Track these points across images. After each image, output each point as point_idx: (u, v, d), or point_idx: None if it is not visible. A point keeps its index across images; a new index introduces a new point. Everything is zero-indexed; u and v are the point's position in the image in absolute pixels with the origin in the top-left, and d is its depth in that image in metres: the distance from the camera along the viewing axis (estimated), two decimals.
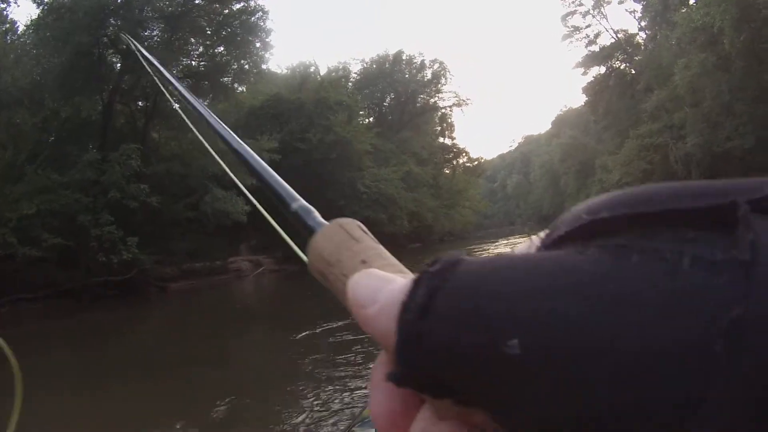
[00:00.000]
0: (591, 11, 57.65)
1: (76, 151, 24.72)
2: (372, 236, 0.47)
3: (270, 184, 0.74)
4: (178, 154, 28.30)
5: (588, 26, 58.51)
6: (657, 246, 0.25)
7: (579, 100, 78.78)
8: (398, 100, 56.06)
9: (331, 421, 5.33)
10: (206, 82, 31.04)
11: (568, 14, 58.42)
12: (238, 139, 1.00)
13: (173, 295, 23.90)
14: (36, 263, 21.12)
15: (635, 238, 0.26)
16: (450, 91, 58.42)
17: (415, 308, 0.29)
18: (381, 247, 0.45)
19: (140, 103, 30.01)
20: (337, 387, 6.29)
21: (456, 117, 61.40)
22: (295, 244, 1.01)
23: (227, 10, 29.94)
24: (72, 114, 25.67)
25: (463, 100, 58.68)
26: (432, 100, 58.91)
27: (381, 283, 0.35)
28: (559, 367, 0.24)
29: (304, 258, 0.48)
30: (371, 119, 53.62)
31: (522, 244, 0.33)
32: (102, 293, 22.06)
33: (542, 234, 0.30)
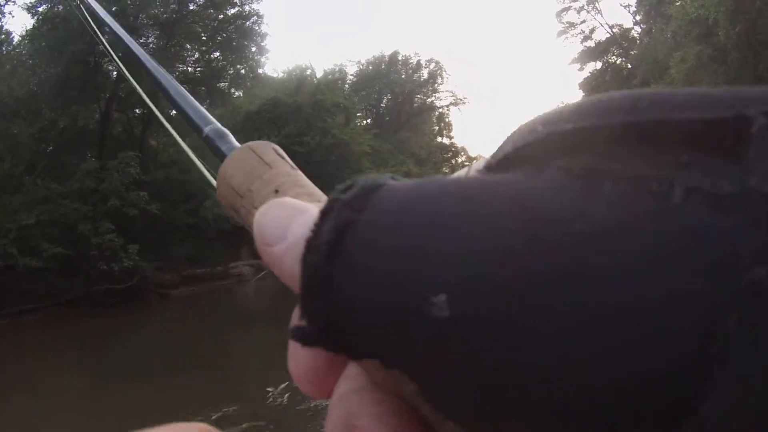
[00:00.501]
0: (585, 7, 57.49)
1: (74, 160, 24.59)
2: (290, 161, 0.43)
3: (181, 107, 0.64)
4: (177, 161, 28.12)
5: (583, 22, 58.34)
6: (638, 172, 0.18)
7: (576, 95, 78.81)
8: (395, 100, 55.82)
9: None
10: (203, 88, 30.76)
11: (562, 10, 58.24)
12: (154, 63, 0.88)
13: (174, 301, 23.80)
14: (36, 273, 21.00)
15: (608, 160, 0.19)
16: (447, 91, 58.19)
17: (322, 248, 0.24)
18: (299, 173, 0.41)
19: (137, 110, 29.83)
20: None
21: (453, 116, 61.19)
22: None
23: (222, 16, 29.82)
24: (69, 123, 25.53)
25: (460, 99, 58.35)
26: (429, 100, 58.61)
27: (292, 214, 0.28)
28: (502, 336, 0.18)
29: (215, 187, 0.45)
30: (369, 120, 53.33)
31: (461, 170, 0.27)
32: (103, 301, 21.94)
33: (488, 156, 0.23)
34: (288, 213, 0.28)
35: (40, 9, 25.45)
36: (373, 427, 0.24)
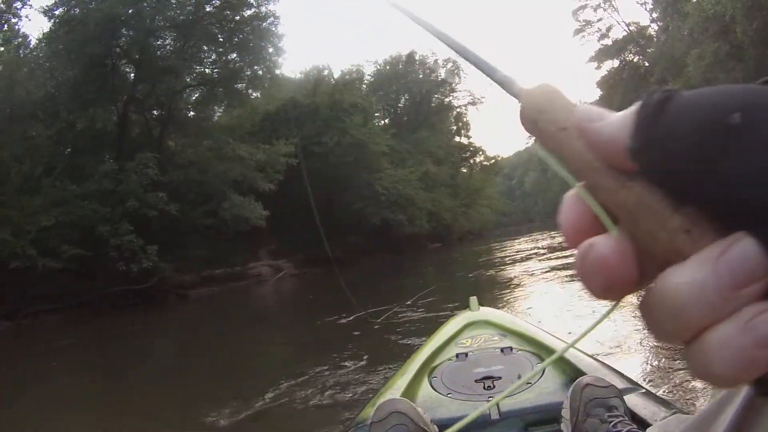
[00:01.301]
0: (602, 4, 57.21)
1: (92, 161, 24.51)
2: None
3: (482, 65, 0.65)
4: (195, 162, 28.06)
5: (599, 20, 58.14)
6: None
7: (593, 94, 78.18)
8: (413, 100, 55.60)
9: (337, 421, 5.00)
10: (220, 89, 30.84)
11: (579, 8, 58.02)
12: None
13: (193, 302, 23.57)
14: (55, 274, 20.90)
15: None
16: (464, 90, 58.17)
17: (653, 104, 0.35)
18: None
19: (155, 111, 29.83)
20: (348, 392, 5.95)
21: (471, 115, 60.82)
22: None
23: (238, 17, 29.66)
24: (87, 125, 25.50)
25: (478, 99, 58.25)
26: (446, 100, 58.53)
27: (603, 111, 0.38)
28: None
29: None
30: (387, 121, 53.26)
31: None
32: (122, 302, 21.79)
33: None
34: (601, 110, 0.37)
35: (57, 12, 25.38)
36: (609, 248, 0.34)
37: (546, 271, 13.77)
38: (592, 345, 5.52)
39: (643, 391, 2.01)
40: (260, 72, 31.80)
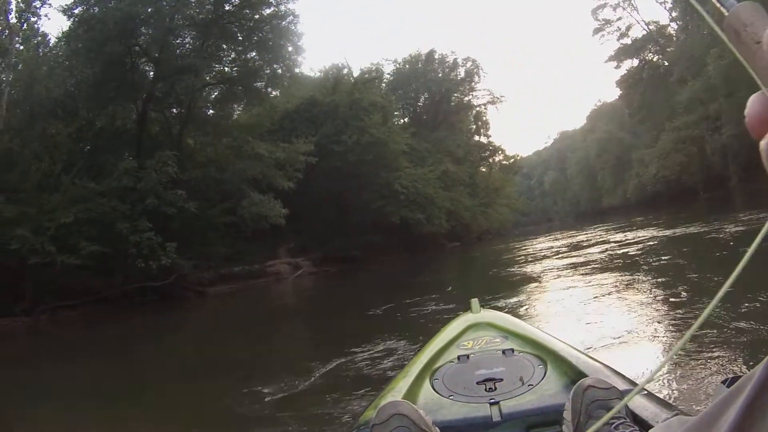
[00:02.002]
0: (621, 3, 56.78)
1: (112, 159, 24.56)
2: None
3: None
4: (214, 160, 28.01)
5: (619, 19, 57.65)
6: None
7: (613, 94, 77.74)
8: (432, 99, 55.01)
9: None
10: (240, 88, 30.74)
11: (598, 7, 57.59)
12: None
13: (212, 299, 23.51)
14: (74, 271, 20.89)
15: None
16: (484, 89, 57.60)
17: None
18: None
19: (174, 110, 29.78)
20: (362, 391, 5.73)
21: (491, 115, 60.32)
22: None
23: (258, 16, 29.46)
24: (106, 123, 25.58)
25: (498, 98, 57.74)
26: (466, 99, 57.80)
27: None
28: None
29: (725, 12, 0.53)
30: (406, 119, 52.94)
31: None
32: (140, 299, 21.75)
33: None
34: None
35: (76, 11, 25.37)
36: None
37: (564, 272, 13.47)
38: (594, 346, 5.52)
39: (645, 392, 1.96)
40: (279, 70, 31.58)
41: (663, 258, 11.99)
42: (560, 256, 17.87)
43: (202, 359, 10.08)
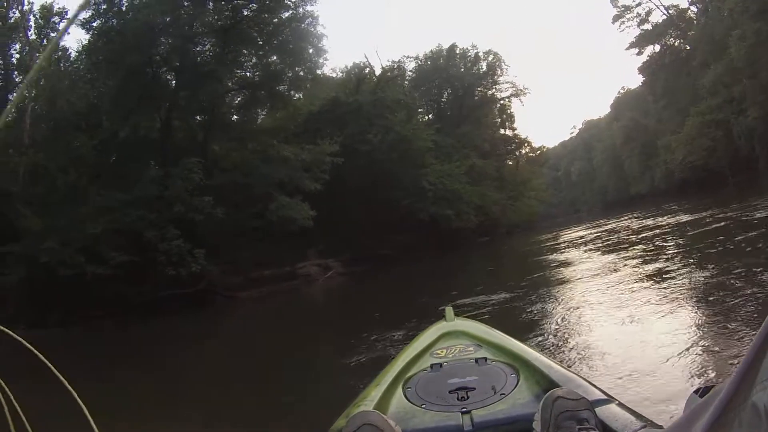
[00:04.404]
0: None
1: (137, 168, 24.42)
2: None
3: None
4: (240, 165, 27.69)
5: (638, 4, 56.47)
6: None
7: (636, 80, 76.62)
8: (455, 94, 54.25)
9: None
10: (262, 92, 30.53)
11: None
12: None
13: (242, 303, 23.19)
14: (105, 280, 20.69)
15: None
16: (507, 82, 56.87)
17: None
18: None
19: (198, 117, 29.63)
20: None
21: (515, 107, 59.54)
22: None
23: (276, 19, 29.07)
24: (130, 133, 25.35)
25: (521, 90, 56.94)
26: (489, 92, 56.86)
27: None
28: None
29: None
30: (430, 116, 52.17)
31: None
32: (171, 306, 21.43)
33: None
34: None
35: (95, 24, 25.26)
36: None
37: (596, 265, 12.88)
38: (566, 355, 5.64)
39: (616, 402, 1.94)
40: (301, 73, 31.28)
41: (707, 249, 11.14)
42: (591, 250, 17.36)
43: (235, 364, 9.97)
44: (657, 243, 13.92)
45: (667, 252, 11.56)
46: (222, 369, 9.75)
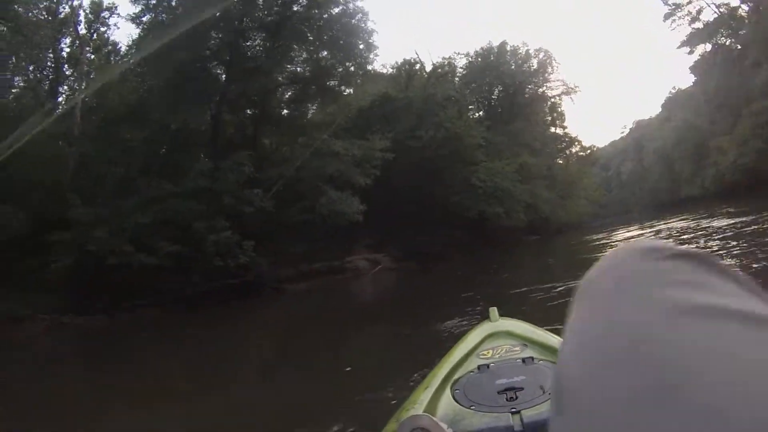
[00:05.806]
0: None
1: (187, 161, 24.38)
2: None
3: None
4: (291, 159, 27.39)
5: (689, 2, 54.75)
6: None
7: (688, 80, 74.84)
8: (506, 92, 53.17)
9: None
10: (313, 87, 30.17)
11: None
12: None
13: (291, 296, 22.72)
14: (152, 270, 20.42)
15: None
16: (558, 80, 55.88)
17: None
18: None
19: (248, 111, 29.49)
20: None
21: (565, 106, 58.66)
22: None
23: (326, 15, 28.62)
24: (180, 126, 25.24)
25: (572, 88, 55.94)
26: (540, 90, 55.95)
27: None
28: None
29: None
30: (481, 113, 51.12)
31: None
32: (218, 297, 21.12)
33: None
34: None
35: (145, 18, 25.33)
36: None
37: None
38: None
39: None
40: (352, 68, 30.81)
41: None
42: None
43: (282, 356, 9.93)
44: (716, 243, 13.02)
45: (733, 253, 10.66)
46: (264, 362, 9.68)
